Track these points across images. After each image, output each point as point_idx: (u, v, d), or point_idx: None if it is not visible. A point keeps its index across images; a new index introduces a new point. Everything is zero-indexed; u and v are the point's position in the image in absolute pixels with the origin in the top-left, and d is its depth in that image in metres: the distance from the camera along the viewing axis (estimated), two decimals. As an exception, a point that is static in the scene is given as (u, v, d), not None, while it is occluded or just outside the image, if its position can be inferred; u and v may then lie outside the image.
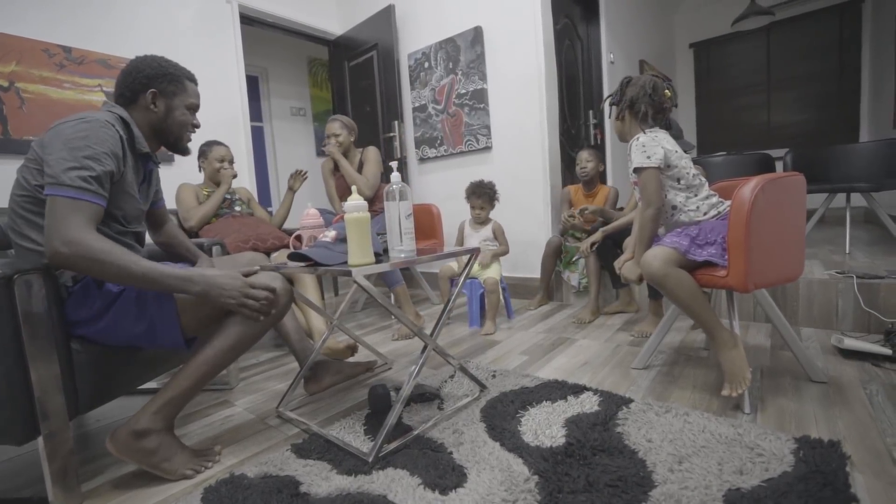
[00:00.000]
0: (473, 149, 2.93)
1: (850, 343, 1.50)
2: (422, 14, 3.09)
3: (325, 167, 2.58)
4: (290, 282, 1.17)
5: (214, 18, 2.83)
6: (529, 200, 2.75)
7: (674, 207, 1.40)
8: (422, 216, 2.76)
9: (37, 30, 2.17)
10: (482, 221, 2.37)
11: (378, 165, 2.44)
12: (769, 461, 0.92)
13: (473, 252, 1.40)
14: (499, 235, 2.35)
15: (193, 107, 1.21)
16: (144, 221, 1.25)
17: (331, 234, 1.29)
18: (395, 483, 0.94)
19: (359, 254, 1.08)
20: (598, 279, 2.27)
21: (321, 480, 0.98)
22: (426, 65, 3.09)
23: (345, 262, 1.11)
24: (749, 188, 1.17)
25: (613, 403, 1.23)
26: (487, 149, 2.87)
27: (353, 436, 1.18)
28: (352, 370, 1.55)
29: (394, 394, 1.35)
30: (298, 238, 1.44)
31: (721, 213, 1.36)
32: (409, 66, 3.19)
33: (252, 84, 4.37)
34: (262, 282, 1.08)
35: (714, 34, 5.20)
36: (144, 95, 1.13)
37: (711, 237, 1.27)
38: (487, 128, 2.83)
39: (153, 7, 2.57)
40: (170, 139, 1.20)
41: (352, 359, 1.74)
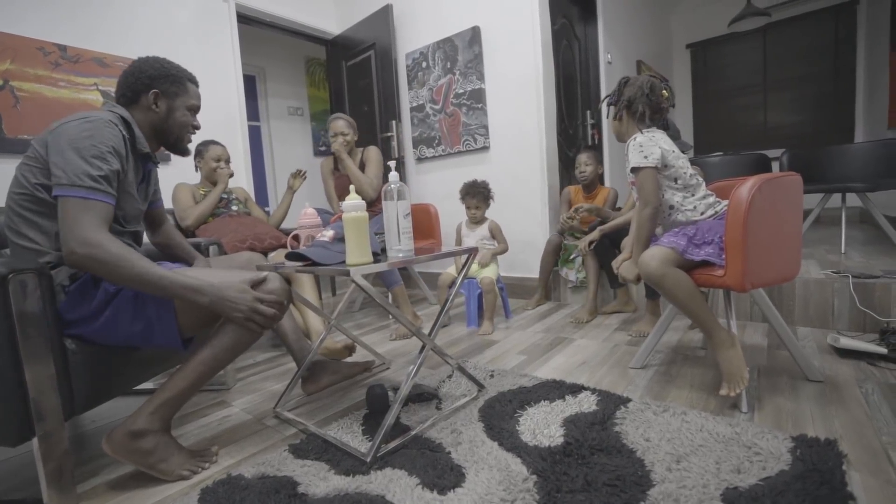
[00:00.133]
0: (471, 149, 2.93)
1: (846, 342, 1.51)
2: (420, 14, 3.09)
3: (325, 166, 2.56)
4: (288, 282, 1.17)
5: (211, 17, 2.82)
6: (527, 200, 2.75)
7: (671, 207, 1.40)
8: (419, 216, 2.76)
9: (32, 28, 2.15)
10: (478, 221, 2.37)
11: (380, 166, 2.43)
12: (766, 460, 0.92)
13: (471, 252, 1.40)
14: (496, 234, 2.35)
15: (194, 108, 1.22)
16: (142, 221, 1.25)
17: (329, 234, 1.29)
18: (394, 483, 0.94)
19: (357, 253, 1.08)
20: (597, 279, 2.28)
21: (319, 481, 0.98)
22: (424, 64, 3.09)
23: (343, 262, 1.11)
24: (746, 188, 1.17)
25: (611, 403, 1.23)
26: (485, 149, 2.87)
27: (351, 436, 1.18)
28: (349, 370, 1.55)
29: (392, 394, 1.34)
30: (296, 238, 1.44)
31: (718, 213, 1.37)
32: (407, 66, 3.19)
33: (249, 83, 4.36)
34: (272, 296, 1.06)
35: (711, 35, 5.22)
36: (146, 96, 1.13)
37: (709, 237, 1.27)
38: (485, 128, 2.83)
39: (150, 6, 2.55)
40: (170, 139, 1.20)
41: (349, 359, 1.74)
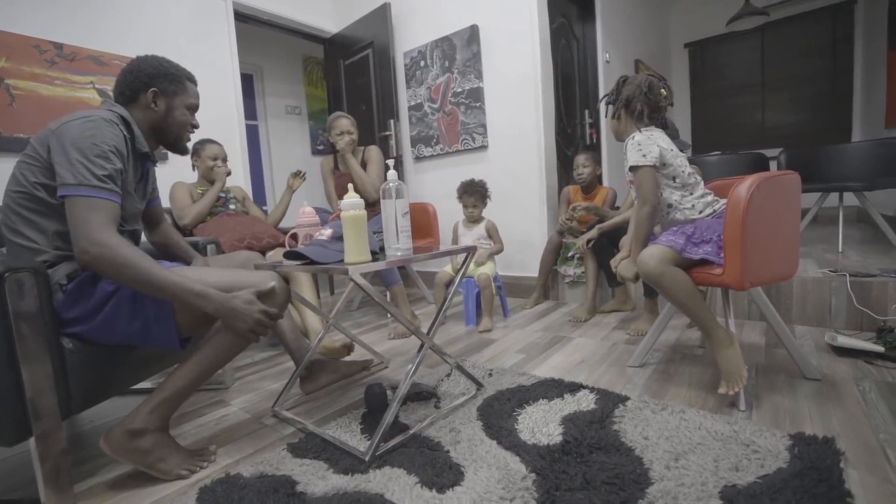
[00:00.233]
0: (469, 148, 2.92)
1: (844, 340, 1.51)
2: (418, 12, 3.09)
3: (325, 166, 2.55)
4: (286, 280, 1.17)
5: (208, 15, 2.81)
6: (526, 199, 2.75)
7: (669, 206, 1.40)
8: (418, 215, 2.75)
9: (28, 26, 2.14)
10: (475, 220, 2.37)
11: (381, 166, 2.43)
12: (764, 458, 0.92)
13: (470, 250, 1.40)
14: (493, 233, 2.35)
15: (193, 107, 1.21)
16: (140, 220, 1.24)
17: (327, 233, 1.28)
18: (392, 482, 0.94)
19: (355, 252, 1.08)
20: (596, 278, 2.28)
21: (317, 480, 0.98)
22: (422, 63, 3.08)
23: (341, 261, 1.11)
24: (745, 186, 1.17)
25: (610, 401, 1.23)
26: (483, 148, 2.87)
27: (350, 435, 1.18)
28: (348, 369, 1.54)
29: (390, 392, 1.34)
30: (294, 236, 1.43)
31: (716, 212, 1.37)
32: (405, 65, 3.18)
33: (247, 82, 4.35)
34: (274, 309, 1.06)
35: (709, 34, 5.23)
36: (145, 94, 1.13)
37: (707, 235, 1.27)
38: (483, 127, 2.83)
39: (147, 4, 2.54)
40: (169, 138, 1.20)
41: (348, 358, 1.73)
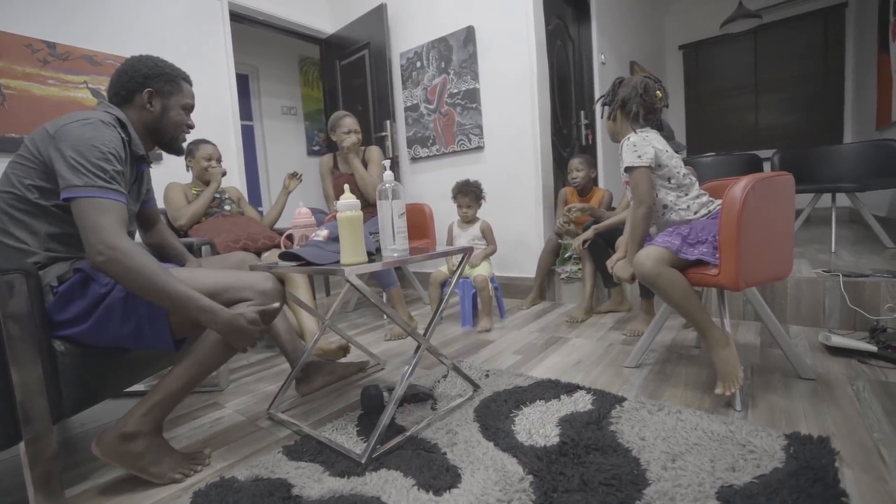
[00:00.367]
0: (465, 148, 2.92)
1: (838, 340, 1.52)
2: (414, 13, 3.08)
3: (324, 165, 2.53)
4: (282, 282, 1.16)
5: (204, 15, 2.79)
6: (522, 200, 2.75)
7: (665, 206, 1.41)
8: (414, 216, 2.74)
9: (20, 25, 2.12)
10: (469, 220, 2.37)
11: (381, 166, 2.42)
12: (761, 458, 0.93)
13: (466, 251, 1.40)
14: (487, 234, 2.35)
15: (188, 107, 1.21)
16: (135, 221, 1.23)
17: (323, 234, 1.28)
18: (389, 484, 0.94)
19: (351, 253, 1.07)
20: (594, 278, 2.28)
21: (313, 483, 0.97)
22: (418, 64, 3.08)
23: (337, 262, 1.10)
24: (740, 187, 1.18)
25: (607, 402, 1.23)
26: (479, 148, 2.87)
27: (346, 437, 1.17)
28: (344, 371, 1.54)
29: (387, 394, 1.34)
30: (290, 237, 1.42)
31: (711, 213, 1.37)
32: (402, 66, 3.18)
33: (242, 82, 4.32)
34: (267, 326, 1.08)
35: (703, 36, 5.26)
36: (140, 95, 1.12)
37: (702, 236, 1.28)
38: (480, 127, 2.83)
39: (142, 4, 2.52)
40: (165, 139, 1.19)
41: (344, 359, 1.73)
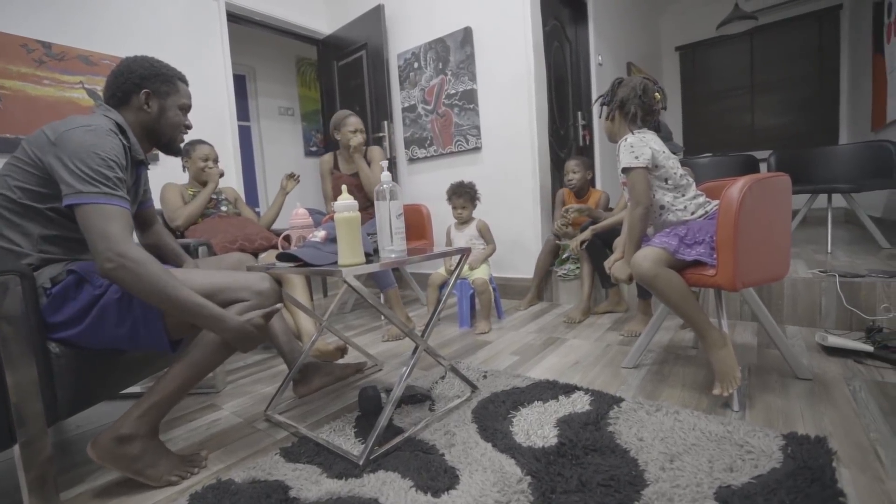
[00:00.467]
0: (463, 149, 2.92)
1: (834, 340, 1.53)
2: (411, 14, 3.08)
3: (325, 165, 2.52)
4: (279, 283, 1.15)
5: (200, 16, 2.78)
6: (519, 201, 2.75)
7: (662, 207, 1.41)
8: (412, 217, 2.74)
9: (15, 24, 2.10)
10: (465, 221, 2.37)
11: (380, 166, 2.41)
12: (758, 458, 0.93)
13: (464, 252, 1.40)
14: (485, 233, 2.35)
15: (186, 107, 1.20)
16: (133, 223, 1.22)
17: (320, 234, 1.27)
18: (387, 486, 0.93)
19: (349, 254, 1.07)
20: (592, 279, 2.29)
21: (311, 485, 0.97)
22: (416, 65, 3.08)
23: (334, 263, 1.10)
24: (737, 188, 1.18)
25: (604, 403, 1.23)
26: (477, 149, 2.87)
27: (344, 439, 1.16)
28: (342, 372, 1.53)
29: (384, 395, 1.33)
30: (287, 238, 1.42)
31: (708, 213, 1.38)
32: (399, 67, 3.18)
33: (239, 83, 4.31)
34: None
35: (699, 37, 5.29)
36: (137, 96, 1.11)
37: (700, 237, 1.28)
38: (477, 128, 2.83)
39: (138, 3, 2.51)
40: (162, 140, 1.19)
41: (341, 360, 1.72)
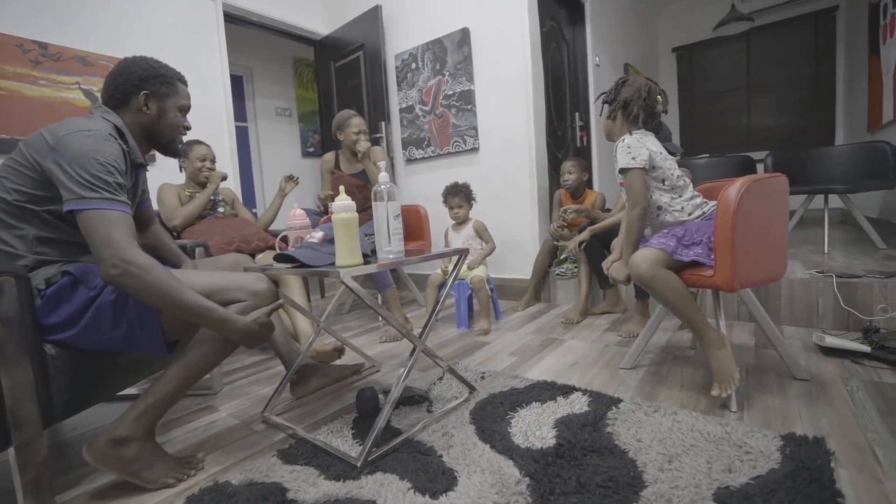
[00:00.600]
0: (461, 150, 2.92)
1: (831, 341, 1.53)
2: (409, 15, 3.08)
3: (325, 165, 2.51)
4: (276, 283, 1.15)
5: (198, 16, 2.78)
6: (517, 202, 2.76)
7: (659, 208, 1.41)
8: (409, 217, 2.74)
9: (11, 24, 2.09)
10: (462, 221, 2.36)
11: (378, 167, 2.40)
12: (757, 459, 0.93)
13: (462, 253, 1.40)
14: (482, 233, 2.34)
15: (185, 108, 1.19)
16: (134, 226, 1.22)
17: (318, 235, 1.27)
18: (385, 488, 0.93)
19: (346, 255, 1.06)
20: (590, 280, 2.29)
21: (308, 487, 0.96)
22: (413, 66, 3.08)
23: (332, 264, 1.10)
24: (735, 189, 1.18)
25: (603, 404, 1.23)
26: (475, 150, 2.87)
27: (341, 440, 1.16)
28: (339, 373, 1.53)
29: (382, 397, 1.33)
30: (284, 239, 1.42)
31: (706, 214, 1.38)
32: (396, 67, 3.18)
33: (236, 84, 4.30)
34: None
35: (696, 39, 5.30)
36: (137, 97, 1.11)
37: (697, 237, 1.28)
38: (475, 129, 2.83)
39: (135, 3, 2.50)
40: (162, 141, 1.18)
41: (339, 361, 1.72)
